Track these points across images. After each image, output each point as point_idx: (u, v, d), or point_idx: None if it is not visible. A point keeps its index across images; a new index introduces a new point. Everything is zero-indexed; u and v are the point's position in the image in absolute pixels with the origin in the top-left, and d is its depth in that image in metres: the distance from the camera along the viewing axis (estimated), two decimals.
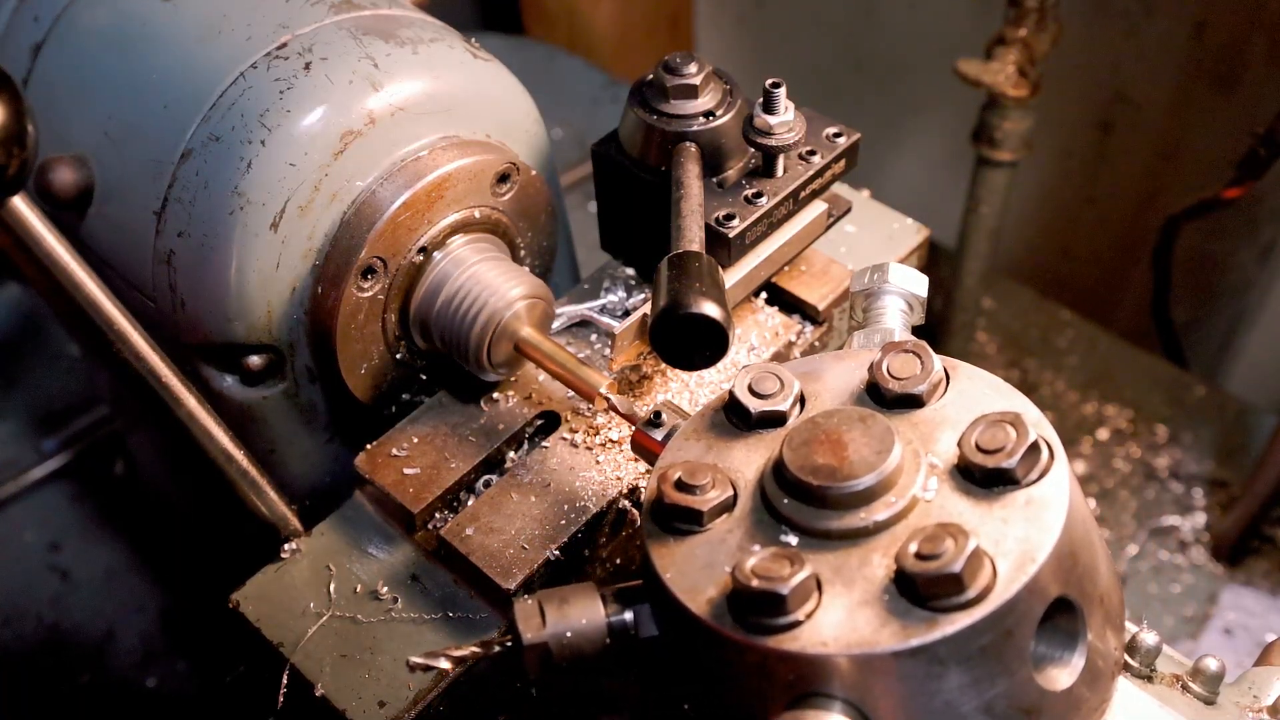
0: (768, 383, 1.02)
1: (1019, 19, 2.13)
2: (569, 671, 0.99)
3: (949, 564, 0.82)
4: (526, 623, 0.98)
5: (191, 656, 1.94)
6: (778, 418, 1.01)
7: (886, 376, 0.99)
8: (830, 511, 0.90)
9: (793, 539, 0.91)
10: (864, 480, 0.90)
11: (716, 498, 0.95)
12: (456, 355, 1.29)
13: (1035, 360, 2.58)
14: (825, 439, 0.93)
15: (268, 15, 1.28)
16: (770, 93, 1.24)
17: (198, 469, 1.18)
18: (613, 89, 2.89)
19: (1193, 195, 2.33)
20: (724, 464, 0.99)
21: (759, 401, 1.01)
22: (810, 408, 1.02)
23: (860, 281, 1.19)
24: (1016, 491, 0.89)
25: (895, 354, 1.00)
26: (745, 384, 1.02)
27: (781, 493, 0.93)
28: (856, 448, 0.91)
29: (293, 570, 1.24)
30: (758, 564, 0.87)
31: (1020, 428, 0.90)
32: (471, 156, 1.29)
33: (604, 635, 0.98)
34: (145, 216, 1.27)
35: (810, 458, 0.92)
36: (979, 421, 0.92)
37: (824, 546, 0.90)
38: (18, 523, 2.10)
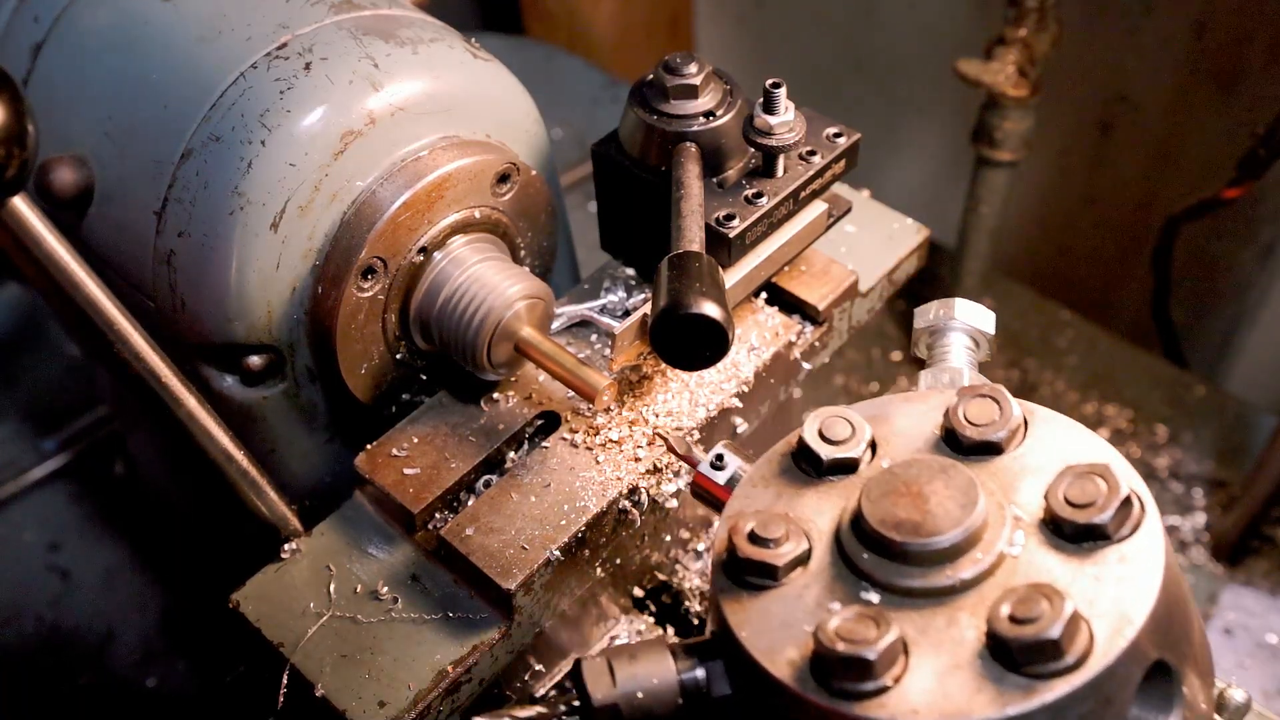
0: (838, 428, 0.98)
1: (1019, 19, 2.13)
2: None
3: (1046, 628, 0.78)
4: (596, 683, 0.95)
5: (191, 656, 1.94)
6: (849, 465, 0.97)
7: (964, 423, 0.95)
8: (914, 568, 0.87)
9: (874, 596, 0.88)
10: (949, 536, 0.86)
11: (792, 551, 0.91)
12: (456, 355, 1.29)
13: (1035, 360, 2.57)
14: (906, 491, 0.89)
15: (268, 15, 1.28)
16: (770, 93, 1.24)
17: (198, 469, 1.18)
18: (613, 89, 2.89)
19: (1193, 195, 2.33)
20: (795, 513, 0.95)
21: (830, 448, 0.97)
22: (881, 454, 0.98)
23: (925, 318, 1.16)
24: (1109, 548, 0.86)
25: (972, 399, 0.96)
26: (815, 429, 0.98)
27: (861, 547, 0.89)
28: (939, 501, 0.88)
29: (293, 570, 1.24)
30: (842, 625, 0.83)
31: (1111, 480, 0.87)
32: (471, 156, 1.29)
33: (676, 694, 0.94)
34: (145, 216, 1.27)
35: (891, 511, 0.88)
36: (1066, 473, 0.89)
37: (908, 605, 0.86)
38: (18, 523, 2.10)
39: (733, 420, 1.36)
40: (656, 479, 1.27)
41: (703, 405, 1.31)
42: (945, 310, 1.15)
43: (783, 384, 1.42)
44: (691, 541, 1.53)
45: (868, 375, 2.54)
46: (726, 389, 1.33)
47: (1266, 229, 2.62)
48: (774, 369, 1.38)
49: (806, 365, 1.43)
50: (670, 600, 1.52)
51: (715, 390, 1.33)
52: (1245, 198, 2.21)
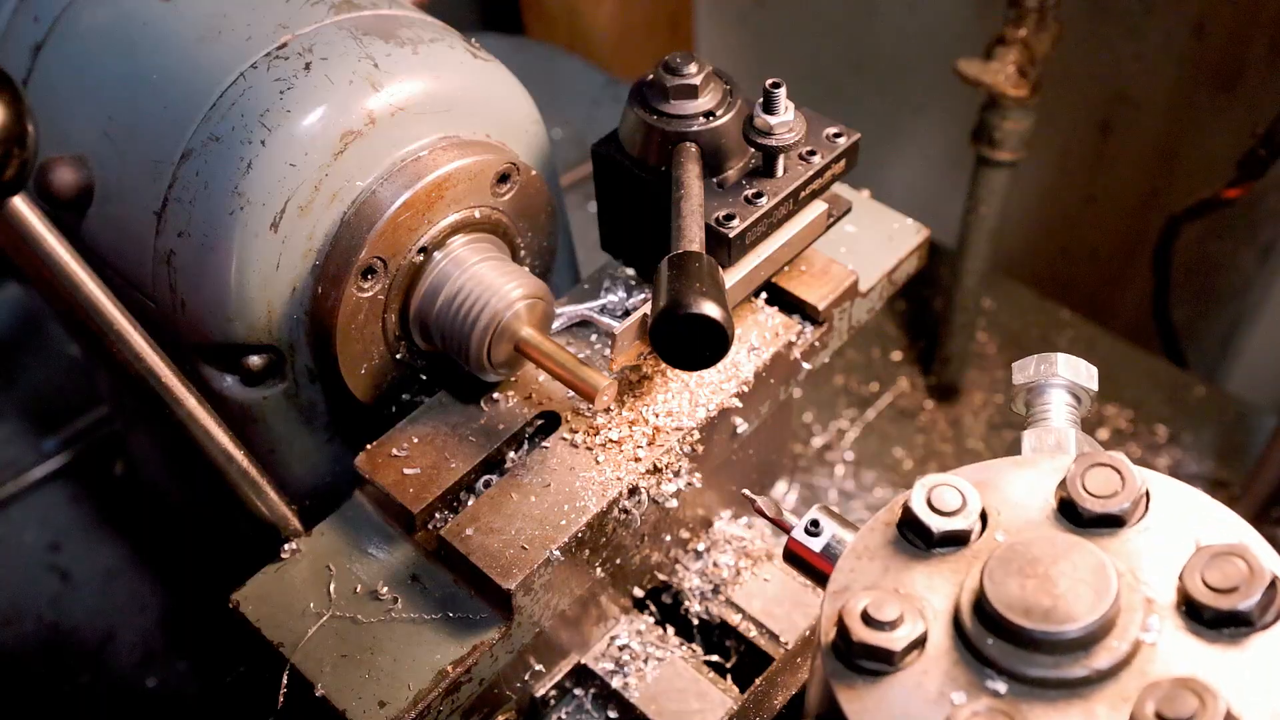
0: (948, 497, 0.92)
1: (1019, 19, 2.13)
2: None
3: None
4: None
5: (191, 656, 1.94)
6: (960, 537, 0.91)
7: (1083, 494, 0.89)
8: (1045, 656, 0.81)
9: (1001, 686, 0.82)
10: (1084, 623, 0.80)
11: (909, 635, 0.85)
12: (456, 355, 1.29)
13: None
14: (1031, 571, 0.83)
15: (268, 15, 1.28)
16: (770, 93, 1.24)
17: (198, 469, 1.18)
18: (613, 89, 2.88)
19: (1193, 195, 2.33)
20: (906, 590, 0.90)
21: (940, 519, 0.91)
22: (993, 525, 0.92)
23: (1024, 373, 1.10)
24: (1254, 635, 0.81)
25: (1091, 468, 0.90)
26: (923, 498, 0.92)
27: (986, 632, 0.83)
28: (1070, 583, 0.82)
29: (293, 570, 1.24)
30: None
31: (1253, 563, 0.81)
32: (471, 156, 1.29)
33: None
34: (145, 216, 1.27)
35: (1017, 593, 0.82)
36: (1202, 553, 0.83)
37: (1038, 696, 0.81)
38: (18, 523, 2.10)
39: (733, 420, 1.36)
40: (656, 479, 1.27)
41: (703, 405, 1.31)
42: (1046, 366, 1.09)
43: (783, 384, 1.42)
44: (691, 541, 1.53)
45: (868, 375, 2.54)
46: (726, 389, 1.33)
47: (1266, 229, 2.62)
48: (774, 369, 1.38)
49: (806, 365, 1.43)
50: (670, 600, 1.52)
51: (715, 390, 1.33)
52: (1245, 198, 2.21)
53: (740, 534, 1.55)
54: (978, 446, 2.42)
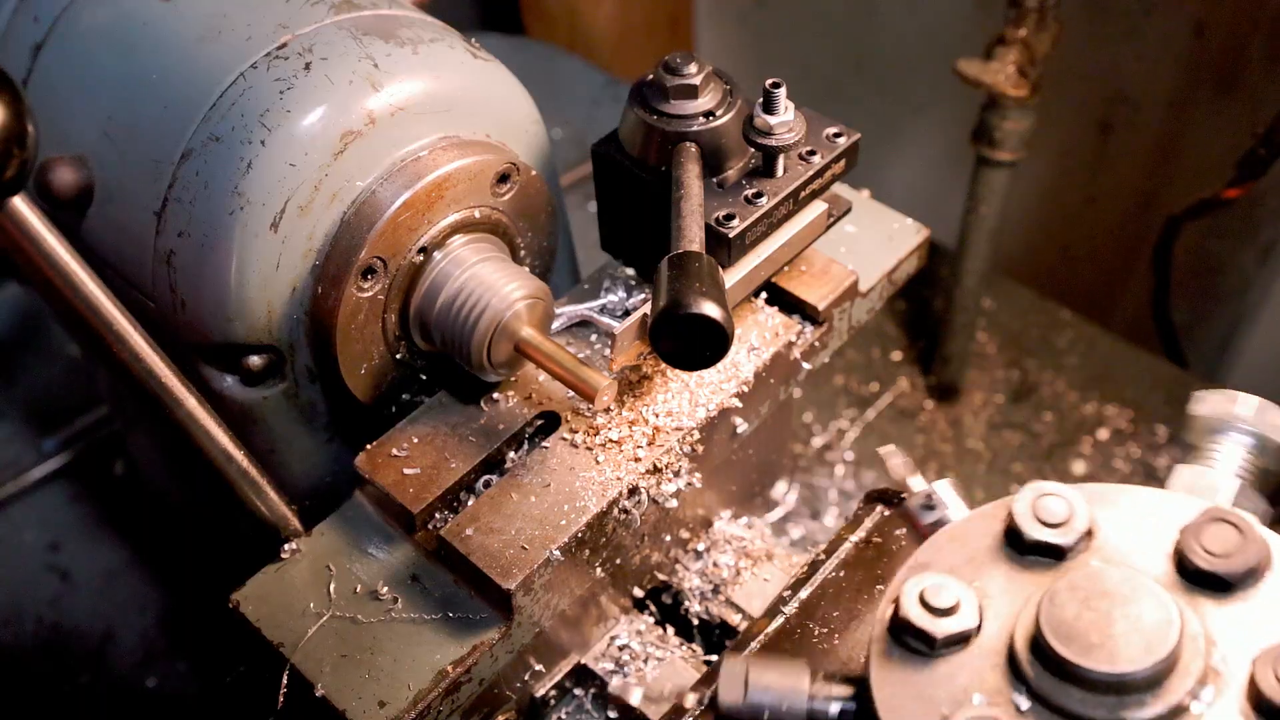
0: (1055, 507, 0.88)
1: (1019, 19, 2.13)
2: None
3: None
4: (728, 687, 0.93)
5: (191, 656, 1.94)
6: (1054, 550, 0.88)
7: (1195, 547, 0.85)
8: (1075, 689, 0.79)
9: (1024, 702, 0.81)
10: (1125, 669, 0.78)
11: (954, 627, 0.84)
12: (457, 355, 1.29)
13: (1035, 360, 2.57)
14: (1096, 603, 0.81)
15: (268, 15, 1.28)
16: (770, 93, 1.24)
17: (198, 469, 1.18)
18: (613, 89, 2.88)
19: (1193, 195, 2.33)
20: (981, 586, 0.87)
21: (1039, 527, 0.88)
22: (1095, 547, 0.88)
23: (1206, 404, 1.03)
24: None
25: (1212, 522, 0.86)
26: (1029, 502, 0.89)
27: (1028, 650, 0.82)
28: (1127, 627, 0.79)
29: (293, 570, 1.24)
30: None
31: None
32: (471, 156, 1.29)
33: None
34: (145, 216, 1.27)
35: (1072, 621, 0.80)
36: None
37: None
38: (18, 523, 2.10)
39: (733, 420, 1.36)
40: (656, 479, 1.27)
41: (703, 405, 1.31)
42: (1232, 405, 1.01)
43: (783, 384, 1.42)
44: (691, 541, 1.53)
45: (868, 375, 2.54)
46: (726, 389, 1.33)
47: (1266, 229, 2.62)
48: (774, 369, 1.38)
49: (806, 365, 1.43)
50: (670, 600, 1.52)
51: (715, 390, 1.33)
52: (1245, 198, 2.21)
53: (740, 534, 1.55)
54: (978, 446, 2.42)
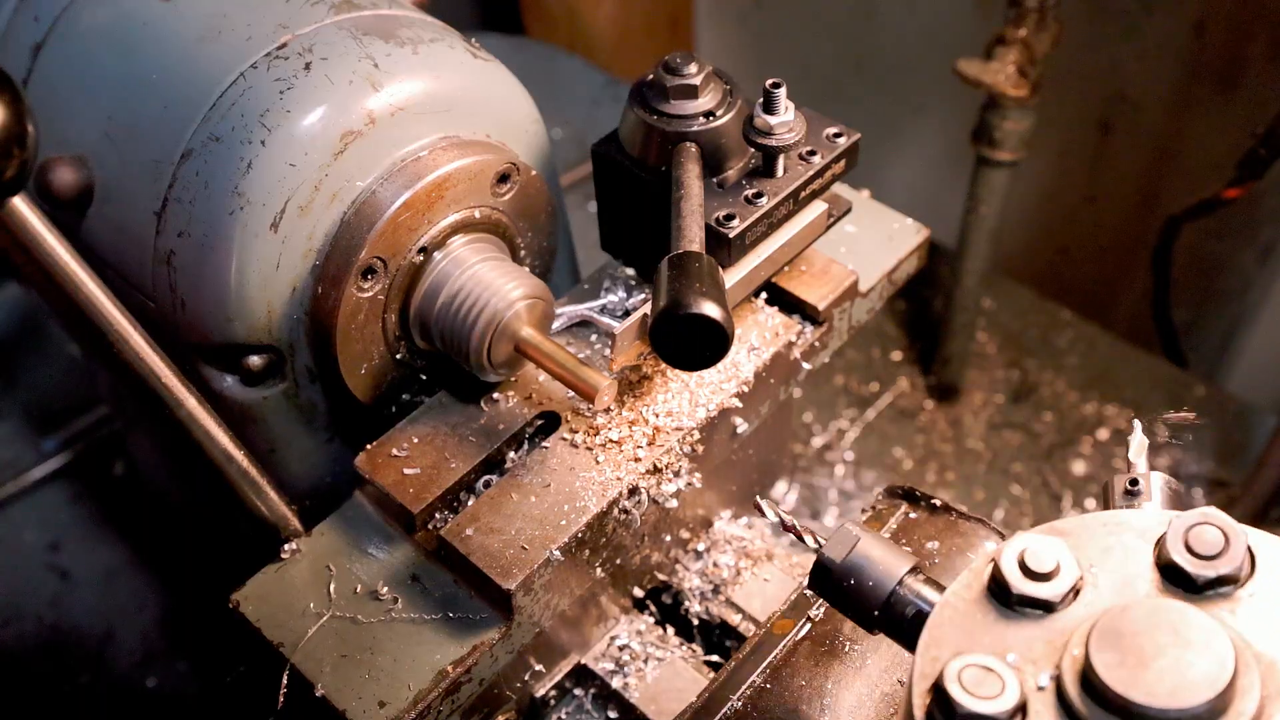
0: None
1: (1019, 19, 2.13)
2: None
3: None
4: (835, 544, 0.99)
5: (191, 656, 1.94)
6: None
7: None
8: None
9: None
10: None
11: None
12: (457, 355, 1.29)
13: (1035, 360, 2.58)
14: (1140, 641, 0.79)
15: (268, 15, 1.28)
16: (770, 93, 1.24)
17: (198, 469, 1.18)
18: (613, 89, 2.89)
19: (1193, 195, 2.33)
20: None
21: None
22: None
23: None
24: None
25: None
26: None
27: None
28: (1182, 655, 0.78)
29: (293, 570, 1.24)
30: None
31: None
32: (471, 156, 1.29)
33: (882, 598, 0.97)
34: (145, 216, 1.27)
35: (1128, 667, 0.78)
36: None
37: None
38: (18, 523, 2.10)
39: (733, 420, 1.36)
40: (656, 479, 1.27)
41: (703, 405, 1.31)
42: None
43: (783, 384, 1.42)
44: (691, 541, 1.53)
45: (867, 375, 2.54)
46: (726, 389, 1.33)
47: (1266, 229, 2.62)
48: (774, 369, 1.38)
49: (806, 365, 1.43)
50: (670, 600, 1.52)
51: (715, 390, 1.33)
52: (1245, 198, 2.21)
53: (740, 534, 1.55)
54: (978, 446, 2.42)
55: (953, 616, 0.89)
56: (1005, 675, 0.82)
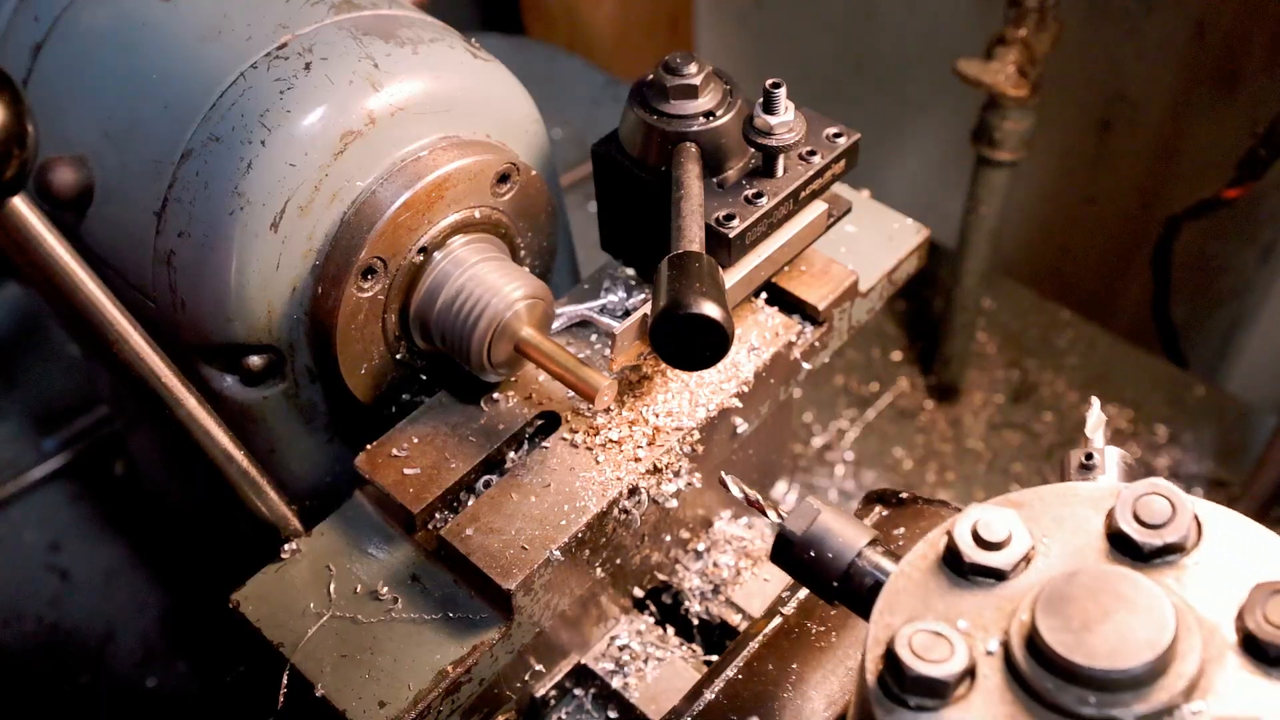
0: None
1: (1019, 19, 2.13)
2: None
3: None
4: (797, 517, 1.01)
5: (191, 656, 1.94)
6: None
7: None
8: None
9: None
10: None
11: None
12: (457, 355, 1.29)
13: (1035, 360, 2.58)
14: (1085, 605, 0.82)
15: (268, 15, 1.28)
16: (770, 93, 1.24)
17: (198, 469, 1.18)
18: (613, 89, 2.89)
19: (1193, 195, 2.33)
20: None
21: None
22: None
23: None
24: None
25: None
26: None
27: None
28: (1125, 618, 0.80)
29: (293, 570, 1.24)
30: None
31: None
32: (471, 156, 1.29)
33: (841, 570, 0.98)
34: (145, 216, 1.27)
35: (1072, 630, 0.81)
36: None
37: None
38: (18, 523, 2.10)
39: (733, 420, 1.36)
40: (656, 479, 1.27)
41: (703, 405, 1.31)
42: None
43: (783, 384, 1.42)
44: (691, 541, 1.53)
45: (868, 375, 2.54)
46: (726, 389, 1.33)
47: (1266, 229, 2.62)
48: (774, 369, 1.38)
49: (806, 365, 1.43)
50: (670, 600, 1.52)
51: (715, 390, 1.33)
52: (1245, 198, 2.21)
53: (740, 534, 1.55)
54: (978, 446, 2.42)
55: (907, 585, 0.91)
56: (955, 640, 0.84)
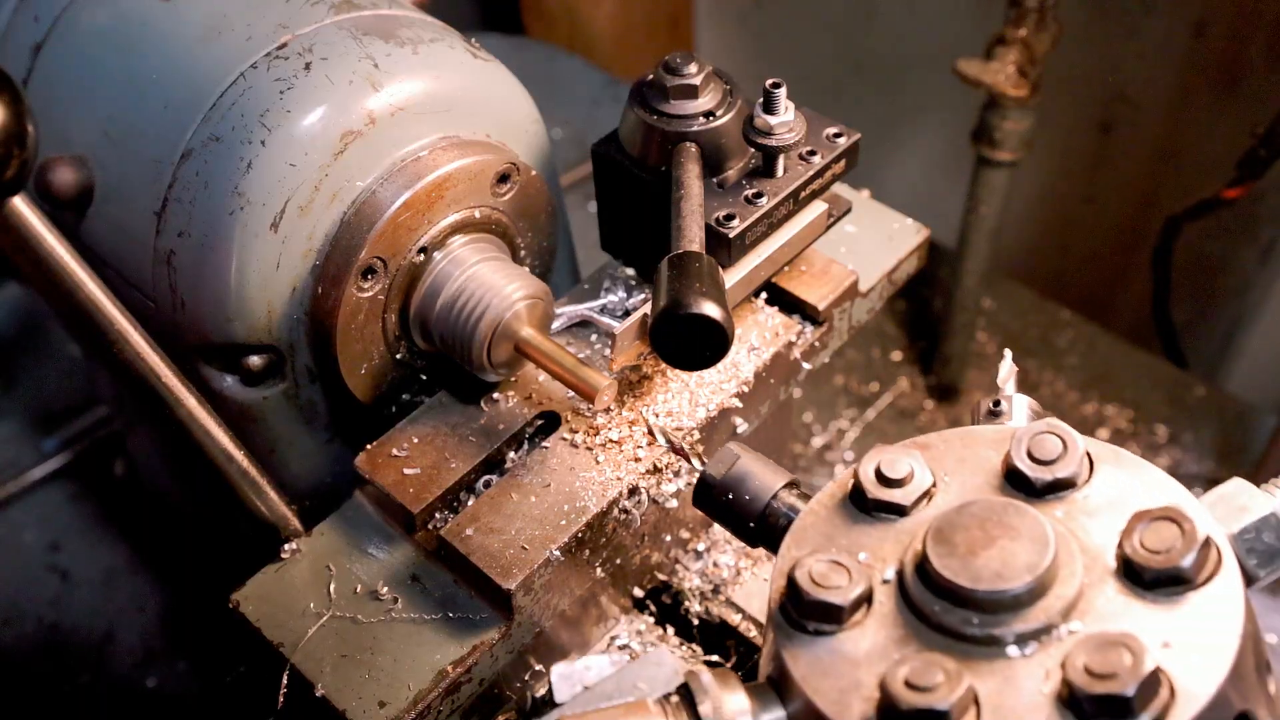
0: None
1: (1019, 19, 2.13)
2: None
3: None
4: (717, 462, 1.04)
5: (191, 656, 1.94)
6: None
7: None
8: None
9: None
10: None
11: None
12: (457, 355, 1.29)
13: (1035, 360, 2.57)
14: (973, 534, 0.86)
15: (268, 15, 1.28)
16: (770, 93, 1.24)
17: (198, 469, 1.18)
18: (613, 89, 2.88)
19: (1193, 195, 2.33)
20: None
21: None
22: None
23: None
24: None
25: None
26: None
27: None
28: (1009, 544, 0.84)
29: (293, 570, 1.24)
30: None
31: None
32: (471, 156, 1.29)
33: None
34: (145, 216, 1.27)
35: (959, 556, 0.85)
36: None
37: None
38: (18, 523, 2.10)
39: (733, 420, 1.36)
40: (656, 479, 1.27)
41: (703, 405, 1.31)
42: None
43: (783, 384, 1.42)
44: (691, 541, 1.53)
45: (868, 375, 2.54)
46: (726, 389, 1.33)
47: (1266, 229, 2.62)
48: (774, 369, 1.38)
49: (806, 365, 1.43)
50: (670, 600, 1.52)
51: (715, 390, 1.33)
52: (1245, 198, 2.21)
53: None
54: None
55: (814, 522, 0.97)
56: (853, 569, 0.89)
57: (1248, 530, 0.92)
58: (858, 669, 0.85)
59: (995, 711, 0.80)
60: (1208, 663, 0.79)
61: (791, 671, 0.87)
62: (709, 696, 0.89)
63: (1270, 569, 0.93)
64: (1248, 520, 0.92)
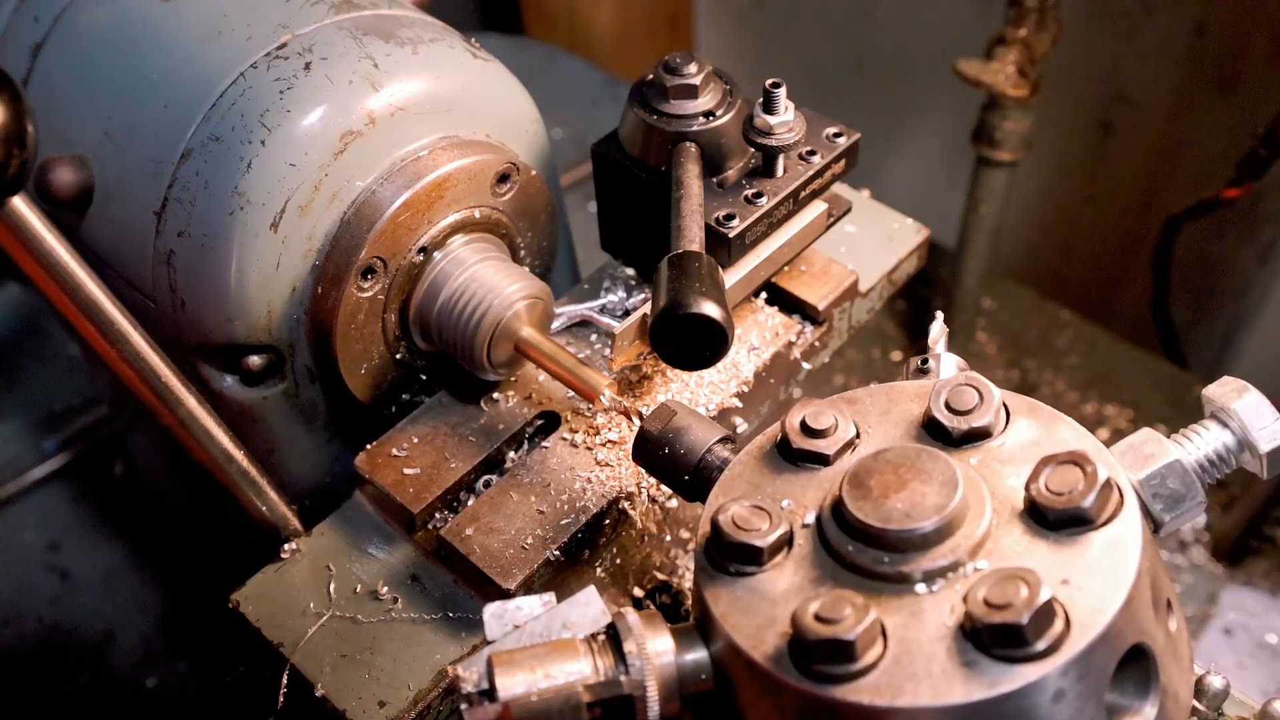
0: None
1: (1019, 19, 2.13)
2: None
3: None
4: (654, 418, 1.08)
5: (191, 656, 1.94)
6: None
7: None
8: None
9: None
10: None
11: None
12: (457, 355, 1.29)
13: (1035, 360, 2.58)
14: (886, 478, 0.90)
15: (268, 15, 1.28)
16: (770, 93, 1.24)
17: (198, 469, 1.18)
18: (613, 89, 2.88)
19: (1193, 195, 2.33)
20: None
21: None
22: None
23: (1220, 391, 1.05)
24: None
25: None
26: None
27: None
28: (920, 488, 0.89)
29: (293, 570, 1.24)
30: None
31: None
32: (471, 156, 1.29)
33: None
34: (145, 216, 1.27)
35: (872, 498, 0.89)
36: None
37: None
38: (18, 523, 2.10)
39: (733, 420, 1.36)
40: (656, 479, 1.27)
41: (703, 405, 1.31)
42: (1230, 400, 1.03)
43: (783, 384, 1.42)
44: (691, 541, 1.53)
45: (867, 375, 2.54)
46: (726, 389, 1.33)
47: (1266, 229, 2.62)
48: (774, 369, 1.38)
49: (806, 365, 1.43)
50: (670, 600, 1.52)
51: (715, 390, 1.33)
52: (1245, 198, 2.21)
53: None
54: None
55: (742, 472, 1.01)
56: (774, 514, 0.93)
57: (1153, 476, 0.97)
58: (775, 606, 0.89)
59: (901, 643, 0.84)
60: (1103, 597, 0.83)
61: (713, 610, 0.91)
62: (634, 636, 0.92)
63: (1175, 514, 0.98)
64: (1153, 467, 0.97)
